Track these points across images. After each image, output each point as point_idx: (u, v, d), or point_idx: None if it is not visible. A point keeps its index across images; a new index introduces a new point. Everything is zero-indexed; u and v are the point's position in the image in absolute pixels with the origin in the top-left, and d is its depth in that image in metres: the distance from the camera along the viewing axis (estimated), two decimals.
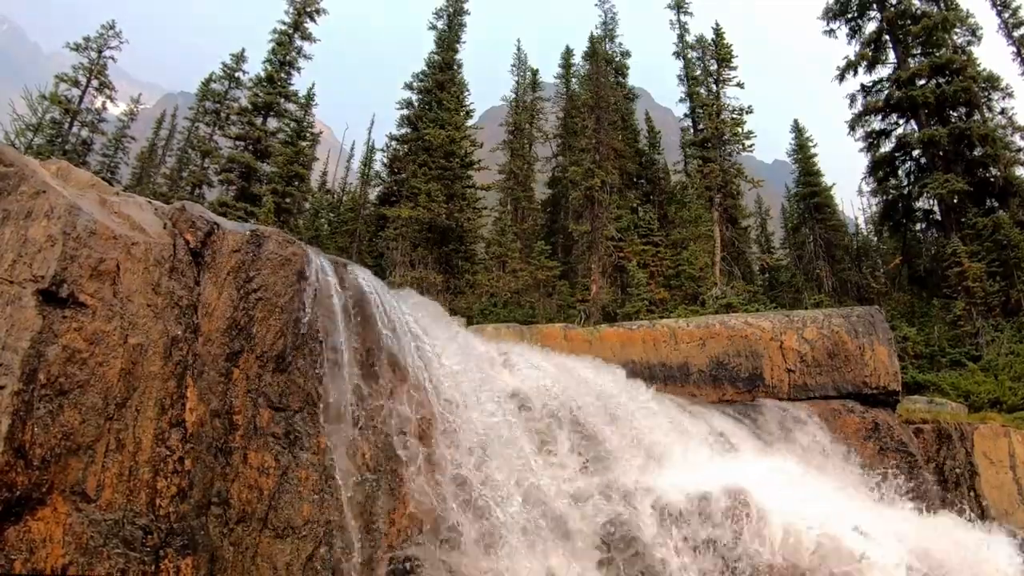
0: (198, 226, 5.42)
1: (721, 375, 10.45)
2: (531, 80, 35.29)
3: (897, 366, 11.05)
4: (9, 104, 24.01)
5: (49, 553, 3.90)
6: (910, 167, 24.56)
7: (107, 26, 26.77)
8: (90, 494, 4.14)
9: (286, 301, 5.49)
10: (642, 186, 29.64)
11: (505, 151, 31.59)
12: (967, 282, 18.61)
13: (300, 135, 26.06)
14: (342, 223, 28.58)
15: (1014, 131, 22.71)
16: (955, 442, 10.19)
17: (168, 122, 36.98)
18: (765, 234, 35.39)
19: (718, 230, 23.56)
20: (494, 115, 40.47)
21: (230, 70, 28.25)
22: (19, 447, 3.82)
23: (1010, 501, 9.75)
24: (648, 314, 18.13)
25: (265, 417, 5.12)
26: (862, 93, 25.63)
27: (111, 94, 27.13)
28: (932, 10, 23.58)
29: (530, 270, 21.93)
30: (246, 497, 4.83)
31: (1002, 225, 19.45)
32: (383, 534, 5.31)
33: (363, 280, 6.33)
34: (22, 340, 3.98)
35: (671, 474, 7.02)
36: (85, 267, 4.46)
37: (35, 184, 4.52)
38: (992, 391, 14.32)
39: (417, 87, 28.70)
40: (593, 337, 10.44)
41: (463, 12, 30.08)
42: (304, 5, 26.08)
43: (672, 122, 35.97)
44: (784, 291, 23.80)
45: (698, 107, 26.74)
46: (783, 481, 7.31)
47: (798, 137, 30.14)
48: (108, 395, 4.33)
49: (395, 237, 22.81)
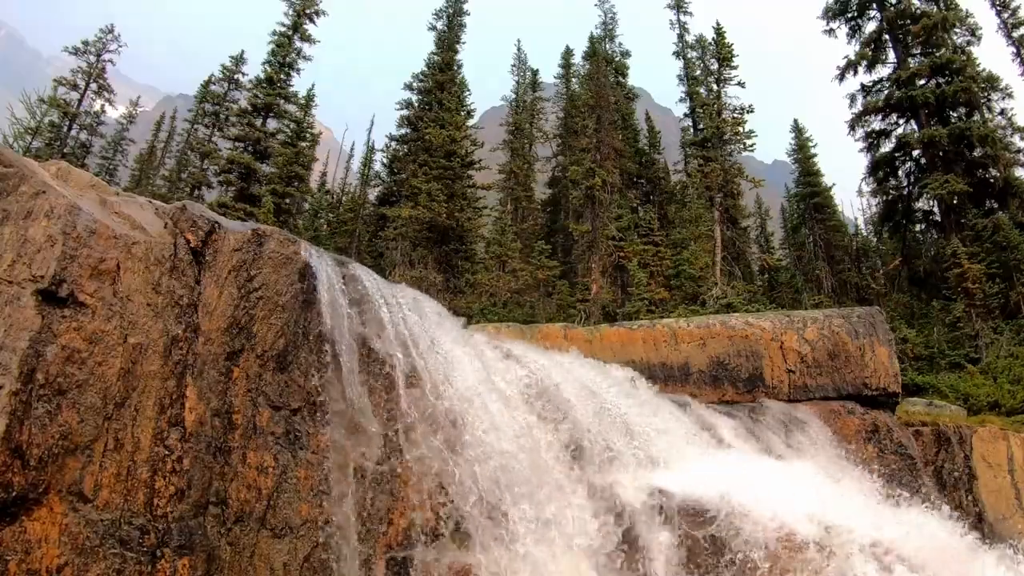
0: (199, 225, 5.42)
1: (721, 375, 10.43)
2: (531, 80, 35.36)
3: (897, 367, 11.02)
4: (8, 108, 24.00)
5: (45, 553, 3.89)
6: (910, 167, 24.56)
7: (106, 30, 26.82)
8: (87, 494, 4.13)
9: (287, 300, 5.48)
10: (642, 186, 29.65)
11: (505, 151, 31.62)
12: (967, 284, 18.57)
13: (300, 136, 26.07)
14: (341, 223, 28.58)
15: (1014, 132, 22.71)
16: (954, 445, 10.15)
17: (167, 124, 37.02)
18: (765, 234, 35.39)
19: (718, 230, 23.54)
20: (494, 115, 40.46)
21: (229, 72, 28.27)
22: (16, 447, 3.81)
23: (1008, 505, 9.69)
24: (648, 314, 18.11)
25: (265, 416, 5.11)
26: (862, 93, 25.64)
27: (110, 97, 27.16)
28: (932, 10, 23.59)
29: (530, 270, 21.92)
30: (244, 497, 4.82)
31: (1002, 226, 19.43)
32: (382, 534, 5.30)
33: (364, 278, 6.32)
34: (21, 340, 3.98)
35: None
36: (85, 267, 4.45)
37: (35, 184, 4.52)
38: (991, 394, 14.27)
39: (417, 87, 28.73)
40: (593, 337, 10.43)
41: (463, 12, 30.13)
42: (303, 7, 26.08)
43: (672, 122, 36.01)
44: (784, 291, 23.78)
45: (698, 107, 26.73)
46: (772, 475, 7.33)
47: (798, 137, 30.16)
48: (107, 395, 4.33)
49: (395, 237, 22.82)
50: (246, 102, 25.72)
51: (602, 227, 23.24)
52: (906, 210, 24.52)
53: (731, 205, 25.37)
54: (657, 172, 30.32)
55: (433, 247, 23.35)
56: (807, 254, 27.94)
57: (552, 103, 34.22)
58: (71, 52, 26.01)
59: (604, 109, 25.95)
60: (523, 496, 5.84)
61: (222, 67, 28.39)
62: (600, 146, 25.13)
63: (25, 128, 23.80)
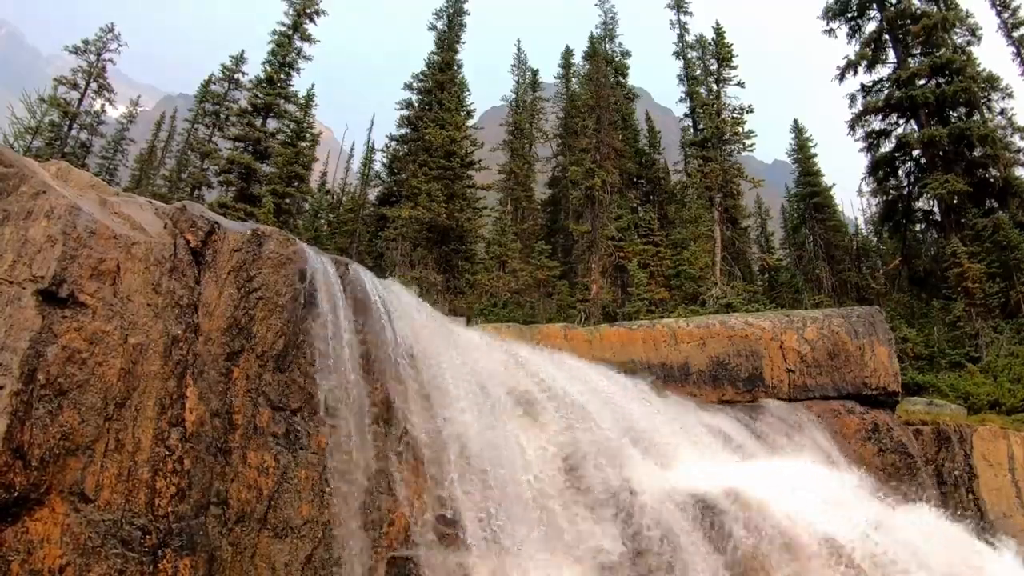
0: (199, 226, 5.42)
1: (721, 375, 10.43)
2: (531, 80, 35.36)
3: (897, 367, 11.03)
4: (8, 108, 23.98)
5: (47, 554, 3.89)
6: (910, 167, 24.57)
7: (106, 29, 26.80)
8: (88, 494, 4.13)
9: (287, 300, 5.48)
10: (642, 186, 29.65)
11: (505, 151, 31.62)
12: (967, 283, 18.57)
13: (300, 136, 26.05)
14: (342, 223, 28.56)
15: (1014, 131, 22.72)
16: (954, 444, 10.16)
17: (167, 124, 37.01)
18: (765, 234, 35.39)
19: (718, 230, 23.53)
20: (494, 115, 40.45)
21: (229, 72, 28.26)
22: (17, 447, 3.81)
23: (1008, 504, 9.70)
24: (648, 314, 18.09)
25: (265, 417, 5.11)
26: (862, 93, 25.65)
27: (110, 96, 27.14)
28: (932, 10, 23.59)
29: (530, 270, 21.91)
30: (245, 497, 4.82)
31: (1002, 226, 19.44)
32: (383, 534, 5.30)
33: (365, 280, 6.32)
34: (21, 340, 3.98)
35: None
36: (85, 267, 4.45)
37: (35, 185, 4.52)
38: (991, 393, 14.26)
39: (417, 87, 28.74)
40: (593, 337, 10.43)
41: (463, 12, 30.13)
42: (303, 6, 26.07)
43: (672, 122, 35.97)
44: (784, 291, 23.78)
45: (698, 107, 26.72)
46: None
47: (798, 137, 30.16)
48: (107, 395, 4.33)
49: (395, 237, 22.80)
50: (246, 102, 25.71)
51: (602, 227, 23.23)
52: (906, 210, 24.52)
53: (731, 205, 25.36)
54: (657, 172, 30.31)
55: (433, 247, 23.33)
56: (807, 254, 27.94)
57: (552, 103, 34.24)
58: (71, 51, 26.00)
59: (604, 109, 25.94)
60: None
61: (222, 67, 28.40)
62: (600, 146, 25.12)
63: (25, 127, 23.78)
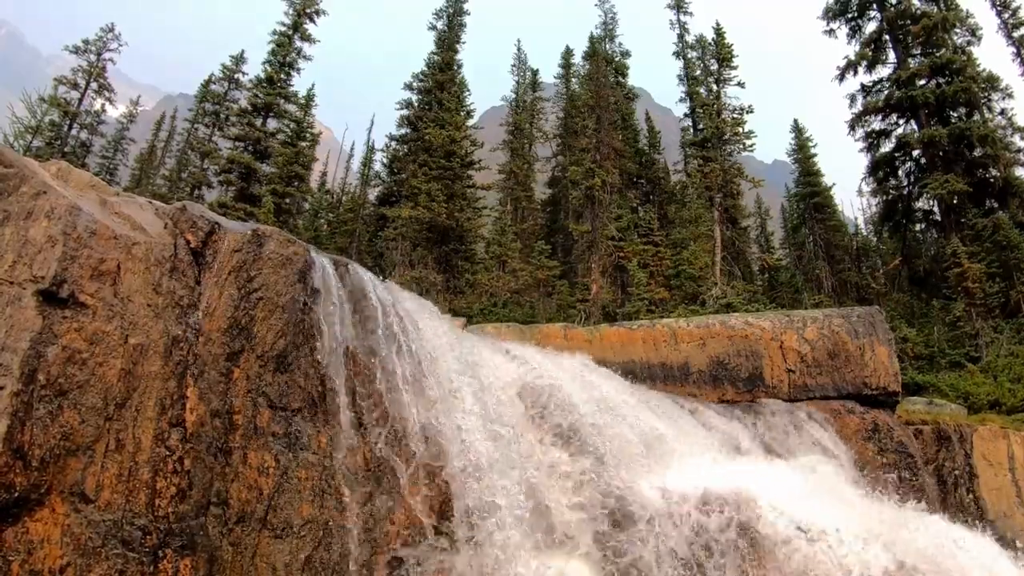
0: (199, 226, 5.41)
1: (721, 375, 10.44)
2: (531, 80, 35.36)
3: (897, 367, 11.04)
4: (8, 107, 23.99)
5: (47, 554, 3.89)
6: (910, 167, 24.58)
7: (106, 29, 26.81)
8: (89, 495, 4.13)
9: (287, 300, 5.48)
10: (642, 186, 29.66)
11: (505, 151, 31.62)
12: (967, 283, 18.59)
13: (300, 136, 26.07)
14: (341, 223, 28.57)
15: (1014, 131, 22.74)
16: (954, 444, 10.17)
17: (167, 124, 37.03)
18: (765, 234, 35.43)
19: (718, 230, 23.54)
20: (494, 115, 40.44)
21: (229, 71, 28.28)
22: (18, 448, 3.81)
23: (1009, 504, 9.72)
24: (648, 314, 18.10)
25: (265, 417, 5.11)
26: (862, 93, 25.67)
27: (110, 96, 27.15)
28: (932, 10, 23.60)
29: (530, 270, 21.91)
30: (245, 497, 4.82)
31: (1002, 226, 19.45)
32: (383, 534, 5.30)
33: (365, 280, 6.32)
34: (22, 341, 3.98)
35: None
36: (85, 267, 4.45)
37: (35, 185, 4.52)
38: (991, 392, 14.27)
39: (417, 87, 28.74)
40: (593, 337, 10.44)
41: (463, 12, 30.14)
42: (304, 6, 26.08)
43: (672, 122, 35.97)
44: (784, 291, 23.78)
45: (698, 107, 26.74)
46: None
47: (798, 137, 30.18)
48: (108, 395, 4.32)
49: (395, 237, 22.81)
50: (246, 102, 25.73)
51: (602, 227, 23.23)
52: (906, 210, 24.53)
53: (731, 205, 25.38)
54: (657, 172, 30.32)
55: (433, 247, 23.34)
56: (807, 254, 27.96)
57: (552, 103, 34.25)
58: (71, 51, 26.01)
59: (604, 109, 25.94)
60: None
61: (222, 66, 28.44)
62: (600, 146, 25.13)
63: (25, 127, 23.78)
